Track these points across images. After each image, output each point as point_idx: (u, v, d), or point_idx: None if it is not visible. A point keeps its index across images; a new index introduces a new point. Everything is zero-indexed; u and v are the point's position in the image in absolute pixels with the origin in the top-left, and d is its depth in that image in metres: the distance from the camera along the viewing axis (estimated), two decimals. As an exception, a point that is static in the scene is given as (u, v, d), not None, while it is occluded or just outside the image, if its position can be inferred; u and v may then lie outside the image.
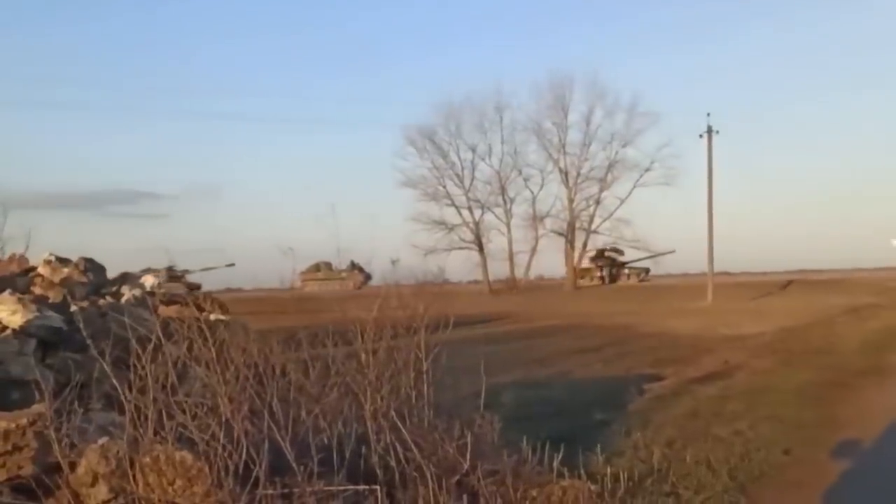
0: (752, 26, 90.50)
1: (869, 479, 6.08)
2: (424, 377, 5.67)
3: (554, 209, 58.64)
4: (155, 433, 4.64)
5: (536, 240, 58.77)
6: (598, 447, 6.27)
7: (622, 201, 56.70)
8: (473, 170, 59.41)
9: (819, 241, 59.57)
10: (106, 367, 4.81)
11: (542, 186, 59.11)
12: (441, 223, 58.54)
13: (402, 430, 5.02)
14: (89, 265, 8.06)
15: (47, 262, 7.69)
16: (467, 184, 59.20)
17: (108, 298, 7.51)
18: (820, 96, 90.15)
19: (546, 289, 56.76)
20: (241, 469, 4.41)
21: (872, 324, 20.31)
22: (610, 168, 57.22)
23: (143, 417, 4.61)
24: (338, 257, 62.61)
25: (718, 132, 41.37)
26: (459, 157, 59.23)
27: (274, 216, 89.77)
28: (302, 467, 4.47)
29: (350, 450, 4.90)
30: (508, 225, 59.10)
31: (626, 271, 60.16)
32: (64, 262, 7.80)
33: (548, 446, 5.45)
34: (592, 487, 5.18)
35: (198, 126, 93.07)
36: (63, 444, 4.47)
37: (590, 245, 58.97)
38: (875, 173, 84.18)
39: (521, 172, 59.33)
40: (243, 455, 4.43)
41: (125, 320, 5.37)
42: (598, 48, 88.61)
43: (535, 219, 58.65)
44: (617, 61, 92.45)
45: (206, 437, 4.54)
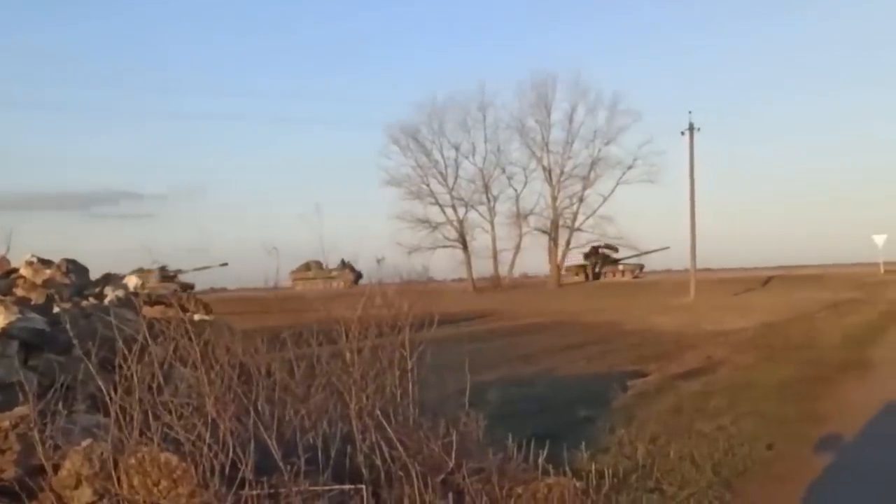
0: (734, 25, 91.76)
1: (851, 474, 6.15)
2: (409, 376, 5.68)
3: (538, 207, 58.98)
4: (140, 434, 4.61)
5: (520, 238, 59.07)
6: (583, 444, 6.29)
7: (605, 199, 57.08)
8: (457, 168, 59.66)
9: (800, 236, 60.06)
10: (91, 368, 4.77)
11: (525, 184, 59.42)
12: (425, 221, 58.72)
13: (388, 428, 5.02)
14: (72, 266, 8.00)
15: (29, 264, 7.62)
16: (451, 182, 59.41)
17: (92, 300, 7.45)
18: (800, 95, 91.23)
19: (530, 286, 56.89)
20: (227, 469, 4.39)
21: (852, 318, 20.51)
22: (593, 166, 57.63)
23: (128, 418, 4.58)
24: (323, 256, 62.58)
25: (700, 129, 41.62)
26: (443, 156, 59.49)
27: (259, 215, 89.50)
28: (288, 467, 4.46)
29: (335, 449, 4.90)
30: (492, 223, 59.45)
31: (620, 267, 60.22)
32: (46, 263, 7.73)
33: (533, 443, 5.47)
34: (578, 484, 5.21)
35: (183, 126, 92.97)
36: (47, 447, 4.43)
37: (573, 242, 59.26)
38: (855, 171, 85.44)
39: (504, 171, 59.67)
40: (229, 455, 4.41)
41: (111, 321, 5.32)
42: (580, 47, 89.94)
43: (519, 217, 58.93)
44: (599, 60, 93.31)
45: (192, 438, 4.51)
